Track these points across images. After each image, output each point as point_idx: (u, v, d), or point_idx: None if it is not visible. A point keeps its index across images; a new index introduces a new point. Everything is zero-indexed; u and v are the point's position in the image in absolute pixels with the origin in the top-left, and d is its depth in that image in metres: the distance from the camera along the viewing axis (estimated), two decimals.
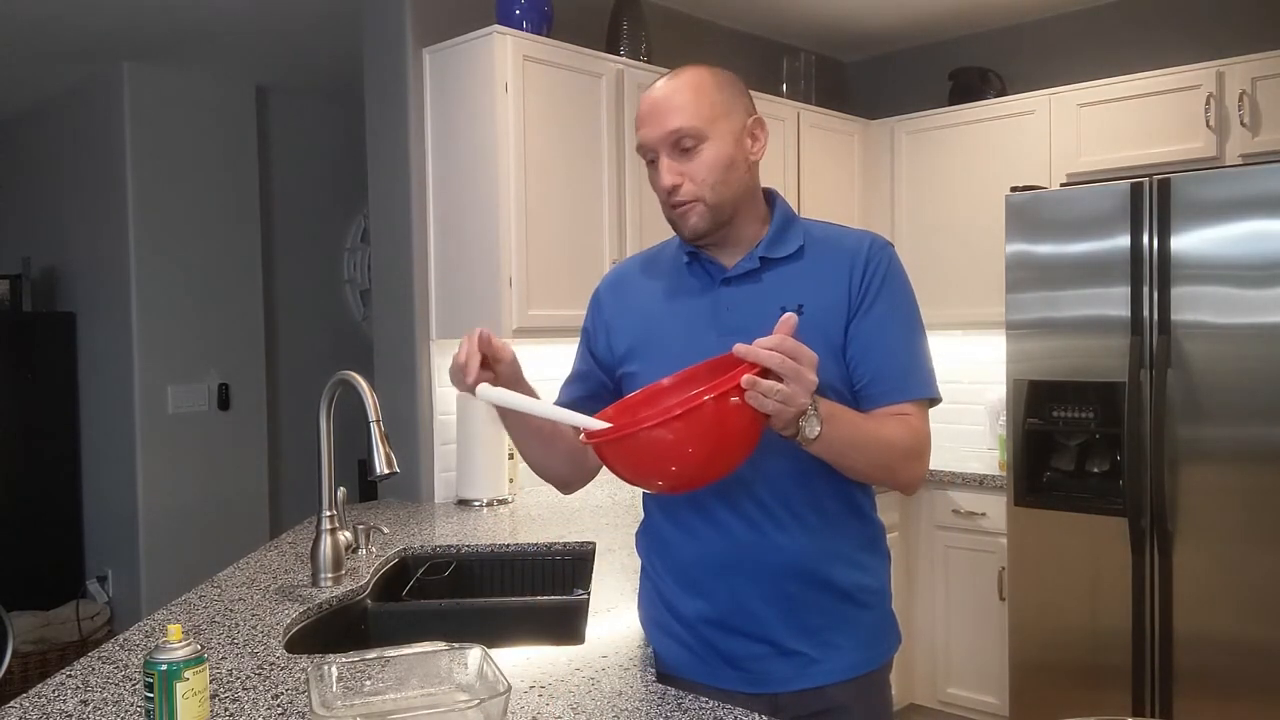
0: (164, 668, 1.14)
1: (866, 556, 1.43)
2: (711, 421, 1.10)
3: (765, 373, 1.11)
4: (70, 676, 1.40)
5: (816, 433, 1.18)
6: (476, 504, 2.86)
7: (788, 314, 1.16)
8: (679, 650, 1.44)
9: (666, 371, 1.34)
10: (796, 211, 1.47)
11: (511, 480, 2.95)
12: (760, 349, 1.10)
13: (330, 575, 1.91)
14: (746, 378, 1.09)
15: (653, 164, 1.36)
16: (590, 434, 1.19)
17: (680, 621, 1.43)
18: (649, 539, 1.51)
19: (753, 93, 1.44)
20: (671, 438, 1.11)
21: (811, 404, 1.16)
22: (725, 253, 1.42)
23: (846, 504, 1.40)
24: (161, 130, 4.20)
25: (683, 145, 1.33)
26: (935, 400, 1.40)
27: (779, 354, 1.10)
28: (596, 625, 1.65)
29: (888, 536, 1.52)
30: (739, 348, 1.12)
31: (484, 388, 1.26)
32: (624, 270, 1.56)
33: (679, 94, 1.34)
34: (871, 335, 1.35)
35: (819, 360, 1.21)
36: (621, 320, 1.49)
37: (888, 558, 1.49)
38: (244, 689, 1.34)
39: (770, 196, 1.46)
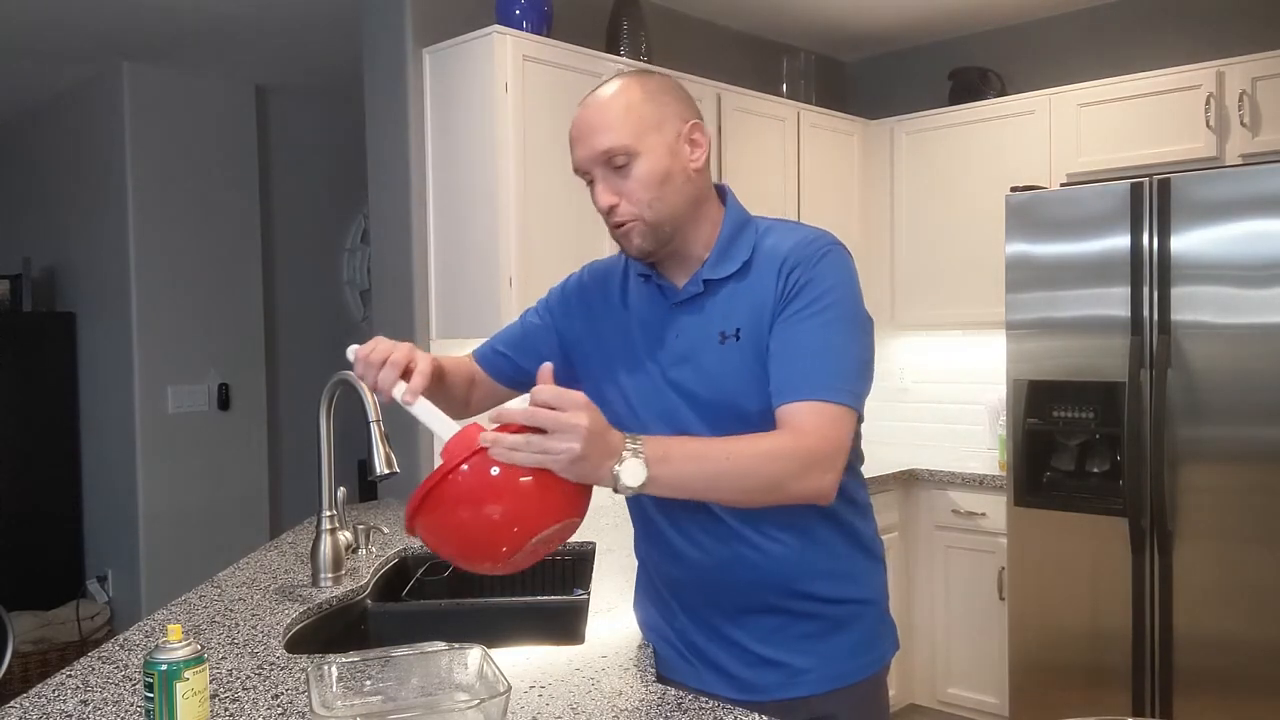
0: (164, 668, 1.14)
1: (852, 567, 1.39)
2: (480, 487, 1.07)
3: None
4: (70, 676, 1.40)
5: (640, 480, 1.11)
6: None
7: (545, 364, 1.15)
8: (670, 653, 1.45)
9: (624, 400, 1.37)
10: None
11: None
12: (511, 408, 1.09)
13: (330, 575, 1.91)
14: (484, 435, 1.07)
15: (591, 184, 1.32)
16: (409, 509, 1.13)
17: (671, 627, 1.45)
18: (638, 549, 1.51)
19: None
20: (458, 509, 1.08)
21: (631, 448, 1.11)
22: (677, 271, 1.37)
23: (825, 517, 1.35)
24: (161, 130, 4.19)
25: (615, 163, 1.28)
26: (845, 406, 1.24)
27: (531, 409, 1.08)
28: (596, 625, 1.65)
29: (887, 537, 1.51)
30: (497, 413, 1.10)
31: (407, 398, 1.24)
32: (585, 282, 1.51)
33: (605, 111, 1.28)
34: (781, 337, 1.27)
35: (750, 386, 1.23)
36: (580, 339, 1.47)
37: (880, 564, 1.44)
38: (244, 689, 1.34)
39: (723, 197, 1.40)
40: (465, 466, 1.08)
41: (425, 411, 1.23)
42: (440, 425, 1.21)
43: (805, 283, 1.27)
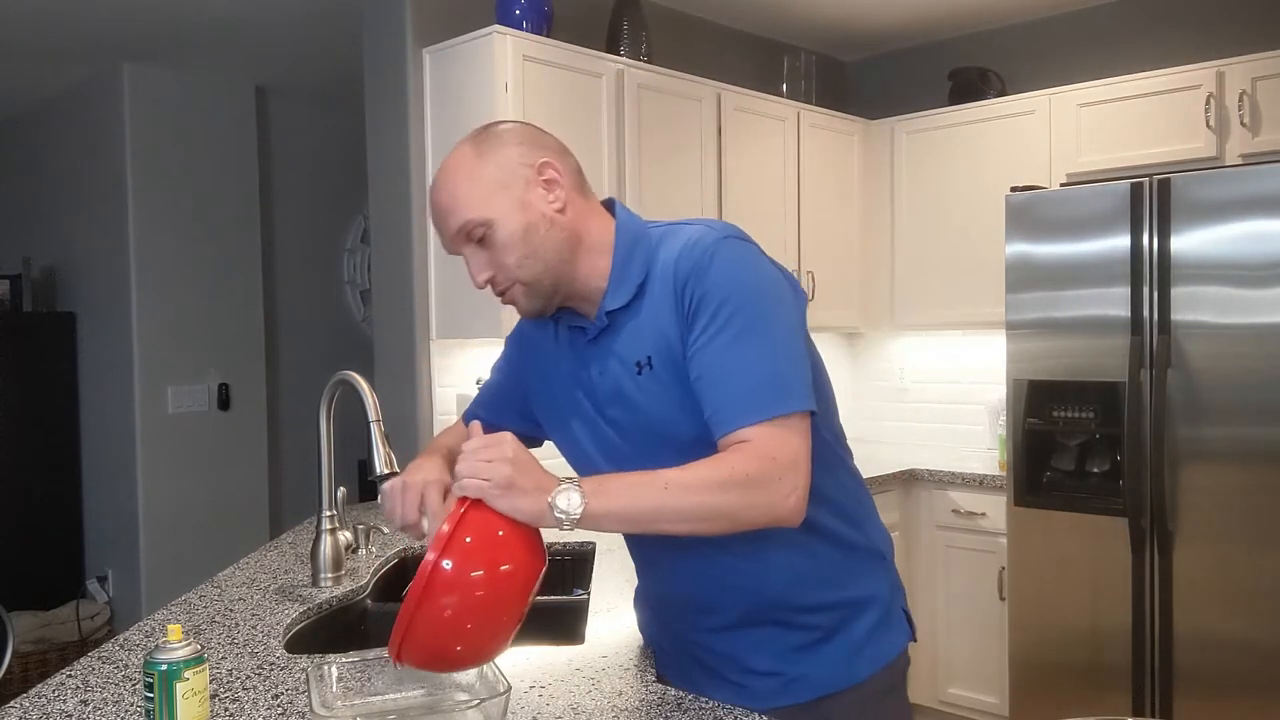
0: (164, 668, 1.14)
1: (844, 571, 1.35)
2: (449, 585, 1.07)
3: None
4: (70, 676, 1.40)
5: (577, 507, 1.08)
6: None
7: (472, 423, 1.20)
8: (665, 657, 1.45)
9: (575, 443, 1.37)
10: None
11: None
12: (461, 479, 1.11)
13: (330, 575, 1.91)
14: (455, 486, 1.10)
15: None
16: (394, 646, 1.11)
17: (666, 634, 1.45)
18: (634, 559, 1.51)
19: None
20: (452, 599, 1.08)
21: (566, 481, 1.10)
22: (587, 306, 1.31)
23: (809, 530, 1.27)
24: (161, 130, 4.20)
25: (474, 237, 1.24)
26: (785, 415, 1.15)
27: (460, 460, 1.11)
28: (596, 625, 1.65)
29: None
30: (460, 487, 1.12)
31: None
32: (530, 325, 1.46)
33: (447, 188, 1.24)
34: (698, 366, 1.20)
35: (676, 412, 1.22)
36: (534, 386, 1.46)
37: (878, 560, 1.40)
38: (244, 689, 1.34)
39: (613, 213, 1.33)
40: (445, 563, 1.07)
41: None
42: None
43: (701, 298, 1.19)
